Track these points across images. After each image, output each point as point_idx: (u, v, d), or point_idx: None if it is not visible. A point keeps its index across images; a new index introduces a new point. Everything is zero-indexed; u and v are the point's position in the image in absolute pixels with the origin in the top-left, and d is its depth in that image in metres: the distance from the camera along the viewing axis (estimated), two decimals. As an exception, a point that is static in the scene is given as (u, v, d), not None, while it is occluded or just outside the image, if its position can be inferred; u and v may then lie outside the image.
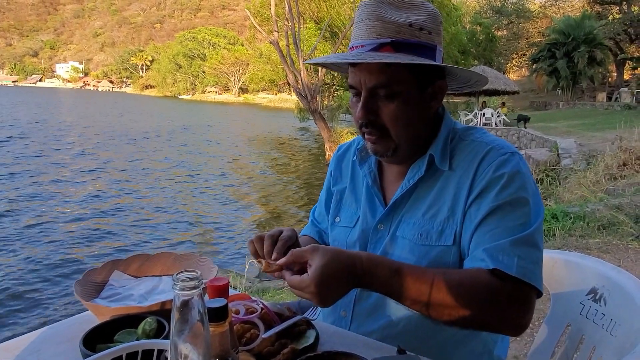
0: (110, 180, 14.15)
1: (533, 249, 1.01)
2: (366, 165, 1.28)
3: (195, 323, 0.59)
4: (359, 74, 1.09)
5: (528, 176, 1.09)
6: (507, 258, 0.98)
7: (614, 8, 35.62)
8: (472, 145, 1.14)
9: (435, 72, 1.12)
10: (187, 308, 0.58)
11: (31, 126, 27.77)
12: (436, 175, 1.15)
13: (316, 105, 20.27)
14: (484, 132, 1.20)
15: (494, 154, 1.09)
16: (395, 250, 1.15)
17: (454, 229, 1.09)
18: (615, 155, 9.05)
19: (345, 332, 1.10)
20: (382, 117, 1.10)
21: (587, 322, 1.38)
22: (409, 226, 1.14)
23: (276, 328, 0.96)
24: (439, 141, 1.15)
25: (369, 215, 1.24)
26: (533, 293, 0.99)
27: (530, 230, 1.02)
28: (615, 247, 4.33)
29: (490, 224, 1.03)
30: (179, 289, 0.57)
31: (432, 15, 1.10)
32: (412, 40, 1.05)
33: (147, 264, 1.27)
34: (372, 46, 1.05)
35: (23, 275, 6.86)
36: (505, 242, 0.99)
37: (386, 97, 1.08)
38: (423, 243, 1.11)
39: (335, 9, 25.29)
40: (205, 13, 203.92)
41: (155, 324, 0.95)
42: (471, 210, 1.07)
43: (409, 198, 1.17)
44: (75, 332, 1.04)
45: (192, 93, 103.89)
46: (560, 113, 25.10)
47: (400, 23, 1.05)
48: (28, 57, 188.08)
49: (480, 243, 1.03)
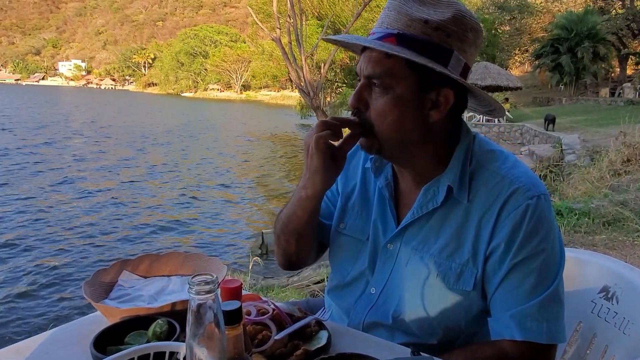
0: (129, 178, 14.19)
1: (558, 305, 1.02)
2: (382, 177, 1.19)
3: (211, 326, 0.58)
4: (362, 60, 1.05)
5: (552, 222, 1.05)
6: (535, 324, 0.99)
7: (617, 3, 35.41)
8: (495, 180, 1.05)
9: (445, 78, 1.01)
10: (203, 312, 0.57)
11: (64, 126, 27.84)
12: (454, 207, 1.08)
13: (318, 102, 20.26)
14: (507, 157, 1.11)
15: (519, 198, 1.02)
16: (408, 284, 1.11)
17: (474, 273, 1.04)
18: (619, 151, 9.01)
19: (356, 332, 1.09)
20: (370, 109, 1.04)
21: (599, 320, 1.36)
22: (423, 261, 1.09)
23: (288, 329, 0.95)
24: (456, 162, 1.08)
25: (381, 231, 1.18)
26: (556, 346, 1.02)
27: (555, 284, 1.01)
28: (621, 244, 4.32)
29: (514, 281, 1.01)
30: (194, 293, 0.56)
31: (457, 18, 1.00)
32: (419, 37, 0.98)
33: (156, 264, 1.26)
34: (379, 35, 1.01)
35: (31, 276, 6.87)
36: (533, 306, 0.99)
37: (380, 89, 1.02)
38: (440, 284, 1.06)
39: (339, 5, 25.22)
40: (207, 10, 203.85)
41: (166, 325, 0.94)
42: (493, 260, 1.03)
43: (422, 227, 1.11)
44: (85, 333, 1.04)
45: (195, 91, 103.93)
46: (563, 109, 24.99)
47: (414, 17, 0.99)
48: (30, 55, 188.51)
49: (505, 305, 1.02)
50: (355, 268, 1.23)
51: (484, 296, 1.08)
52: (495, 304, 1.05)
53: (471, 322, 1.11)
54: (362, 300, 1.20)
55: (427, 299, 1.08)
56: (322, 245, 1.33)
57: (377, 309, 1.16)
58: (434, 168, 1.10)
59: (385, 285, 1.16)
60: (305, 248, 1.28)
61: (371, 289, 1.19)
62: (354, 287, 1.23)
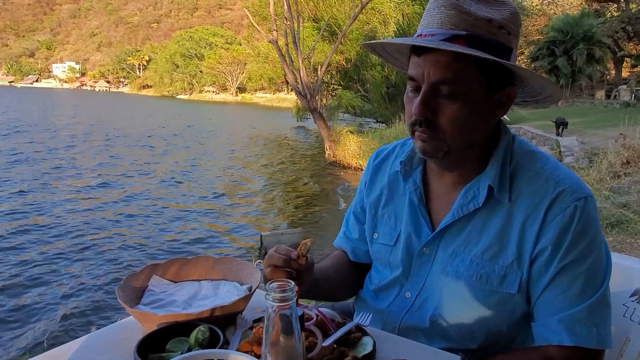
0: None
1: (606, 309, 0.99)
2: (411, 181, 1.17)
3: (287, 333, 0.56)
4: (424, 65, 0.97)
5: (599, 224, 1.03)
6: (585, 329, 0.96)
7: (612, 6, 35.67)
8: (539, 182, 1.03)
9: (506, 78, 1.01)
10: (282, 319, 0.55)
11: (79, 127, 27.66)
12: (495, 208, 1.05)
13: (315, 104, 20.21)
14: (548, 159, 1.08)
15: (566, 200, 0.99)
16: (447, 287, 1.08)
17: (519, 275, 1.02)
18: (618, 153, 9.04)
19: (398, 338, 1.06)
20: (439, 117, 0.98)
21: (632, 324, 1.34)
22: (464, 264, 1.06)
23: (334, 335, 0.92)
24: (496, 163, 1.05)
25: (414, 236, 1.15)
26: (604, 351, 1.00)
27: (603, 288, 0.99)
28: (629, 246, 4.31)
29: (561, 285, 0.99)
30: (273, 300, 0.54)
31: (514, 15, 1.00)
32: (488, 38, 0.95)
33: (185, 267, 1.23)
34: (444, 36, 0.95)
35: (58, 283, 6.79)
36: (582, 310, 0.97)
37: (449, 95, 0.97)
38: (483, 287, 1.04)
39: (335, 7, 25.23)
40: (202, 12, 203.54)
41: (208, 332, 0.91)
42: (540, 263, 1.00)
43: (463, 228, 1.08)
44: (119, 340, 1.01)
45: (190, 93, 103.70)
46: (560, 111, 25.03)
47: (479, 16, 0.95)
48: (24, 57, 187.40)
49: (552, 309, 1.00)
50: (389, 273, 1.23)
51: (528, 300, 1.05)
52: (541, 308, 1.02)
53: (513, 327, 1.09)
54: (396, 304, 1.18)
55: (468, 302, 1.06)
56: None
57: (413, 313, 1.14)
58: (475, 168, 1.08)
59: (421, 289, 1.14)
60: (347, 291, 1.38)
61: (406, 293, 1.17)
62: (388, 291, 1.22)
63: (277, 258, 1.02)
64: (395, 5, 26.62)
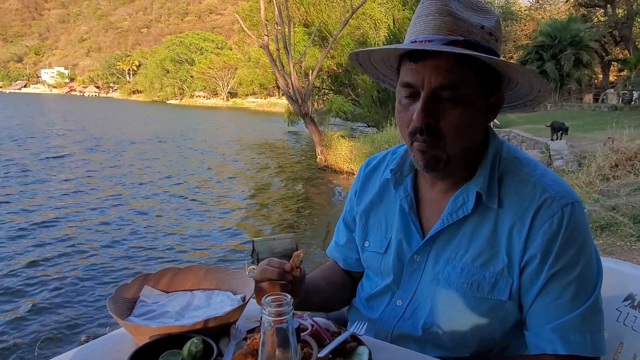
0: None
1: (599, 315, 0.99)
2: (401, 188, 1.17)
3: (283, 347, 0.55)
4: (423, 70, 0.96)
5: (588, 230, 1.02)
6: (579, 337, 0.96)
7: (599, 11, 36.12)
8: (527, 188, 1.02)
9: (498, 81, 1.03)
10: (278, 333, 0.54)
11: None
12: (485, 214, 1.04)
13: (307, 109, 20.22)
14: (536, 164, 1.08)
15: (553, 206, 0.98)
16: (439, 295, 1.08)
17: (509, 282, 1.01)
18: (607, 157, 9.13)
19: (394, 347, 1.06)
20: (441, 122, 0.97)
21: (626, 329, 1.35)
22: (455, 271, 1.05)
23: (329, 346, 0.91)
24: (485, 169, 1.05)
25: (405, 243, 1.15)
26: (600, 358, 0.99)
27: (595, 294, 0.98)
28: (619, 249, 4.34)
29: (553, 292, 0.98)
30: (267, 314, 0.53)
31: (499, 23, 1.02)
32: (482, 44, 0.96)
33: (177, 277, 1.21)
34: (443, 42, 0.94)
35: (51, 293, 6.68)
36: (575, 318, 0.96)
37: (450, 100, 0.96)
38: (474, 295, 1.03)
39: (326, 12, 25.32)
40: (192, 17, 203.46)
41: (202, 344, 0.90)
42: (529, 271, 1.00)
43: (453, 235, 1.07)
44: (109, 352, 0.99)
45: (180, 98, 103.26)
46: (548, 114, 25.28)
47: (472, 23, 0.96)
48: (12, 62, 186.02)
49: (544, 318, 0.99)
50: (380, 281, 1.22)
51: (520, 307, 1.05)
52: (533, 317, 1.01)
53: (505, 334, 1.08)
54: (388, 313, 1.18)
55: (460, 309, 1.05)
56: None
57: (405, 321, 1.14)
58: (465, 175, 1.08)
59: (412, 297, 1.14)
60: (340, 301, 1.38)
61: (397, 301, 1.17)
62: (380, 299, 1.22)
63: (271, 272, 1.01)
64: (386, 10, 26.78)
